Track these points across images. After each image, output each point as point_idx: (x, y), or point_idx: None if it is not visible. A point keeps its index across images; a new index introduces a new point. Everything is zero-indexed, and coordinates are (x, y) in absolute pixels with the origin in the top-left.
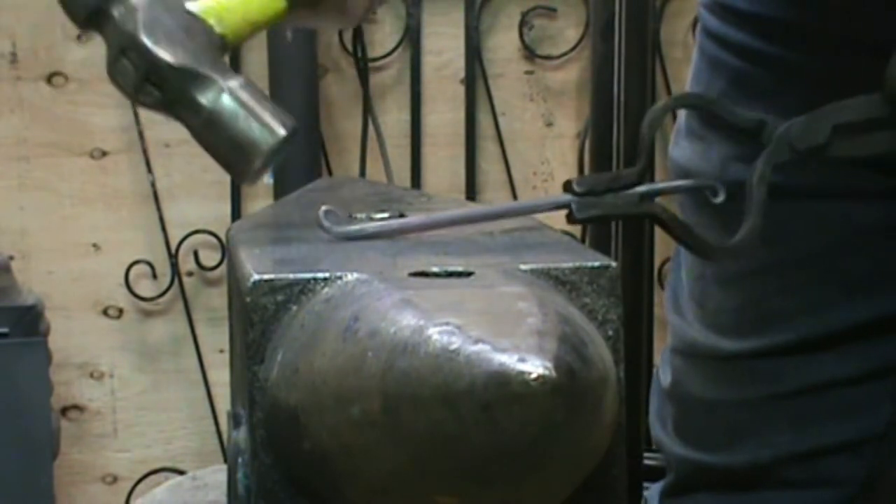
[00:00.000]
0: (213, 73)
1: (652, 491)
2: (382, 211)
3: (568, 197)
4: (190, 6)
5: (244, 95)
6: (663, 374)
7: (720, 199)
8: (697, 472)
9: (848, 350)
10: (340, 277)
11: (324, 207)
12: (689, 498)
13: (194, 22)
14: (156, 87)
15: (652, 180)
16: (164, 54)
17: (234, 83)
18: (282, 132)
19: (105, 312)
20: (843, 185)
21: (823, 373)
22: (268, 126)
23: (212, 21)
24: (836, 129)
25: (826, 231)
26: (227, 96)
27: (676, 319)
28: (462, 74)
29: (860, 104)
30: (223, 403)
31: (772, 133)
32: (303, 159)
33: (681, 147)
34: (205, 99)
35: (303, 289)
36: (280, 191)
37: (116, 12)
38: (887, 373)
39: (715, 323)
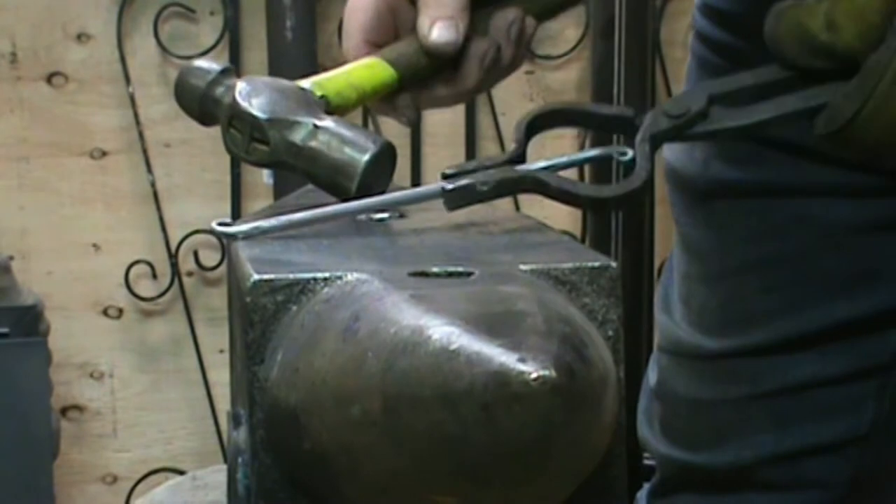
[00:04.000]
0: (304, 118)
1: (642, 491)
2: (382, 211)
3: (440, 184)
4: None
5: (333, 126)
6: (651, 372)
7: (628, 156)
8: (681, 471)
9: (829, 350)
10: (340, 277)
11: (218, 220)
12: (673, 498)
13: (292, 88)
14: (261, 143)
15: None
16: (260, 112)
17: (324, 121)
18: (371, 148)
19: (105, 312)
20: (823, 183)
21: (805, 373)
22: (357, 146)
23: (312, 87)
24: (712, 98)
25: (806, 229)
26: (318, 132)
27: (664, 318)
28: None
29: (731, 79)
30: (223, 403)
31: (641, 119)
32: None
33: (669, 147)
34: (299, 139)
35: (303, 289)
36: (280, 191)
37: (219, 92)
38: (870, 373)
39: (699, 322)
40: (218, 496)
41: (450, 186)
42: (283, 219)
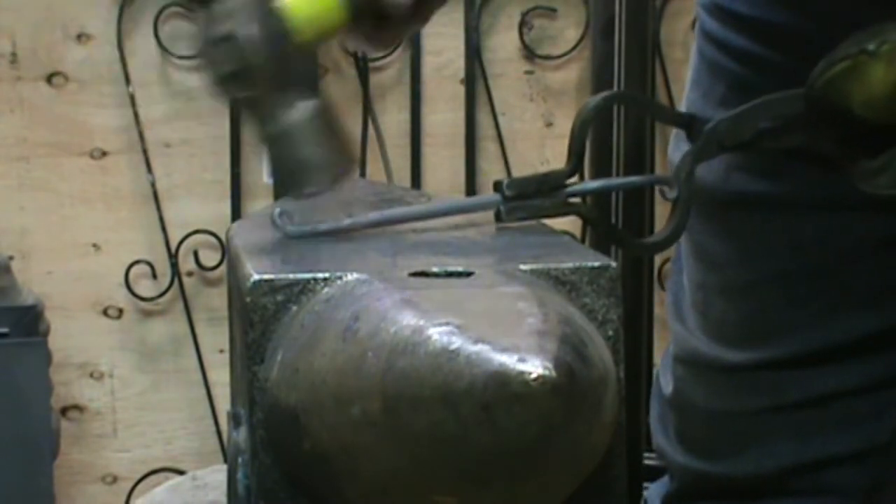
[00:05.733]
0: (302, 89)
1: (651, 492)
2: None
3: (497, 197)
4: (280, 6)
5: (317, 121)
6: (664, 381)
7: (674, 194)
8: (699, 480)
9: (852, 361)
10: (340, 277)
11: (279, 209)
12: None
13: (283, 27)
14: (246, 84)
15: (582, 179)
16: (260, 60)
17: (310, 105)
18: (343, 167)
19: (105, 312)
20: (848, 198)
21: (828, 384)
22: (330, 158)
23: (293, 25)
24: (761, 126)
25: (831, 244)
26: (310, 115)
27: (678, 327)
28: (462, 74)
29: (784, 102)
30: (223, 403)
31: (700, 129)
32: None
33: (681, 150)
34: (288, 113)
35: (303, 289)
36: (280, 191)
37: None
38: (892, 383)
39: (717, 333)
40: (218, 496)
41: (507, 218)
42: (346, 221)
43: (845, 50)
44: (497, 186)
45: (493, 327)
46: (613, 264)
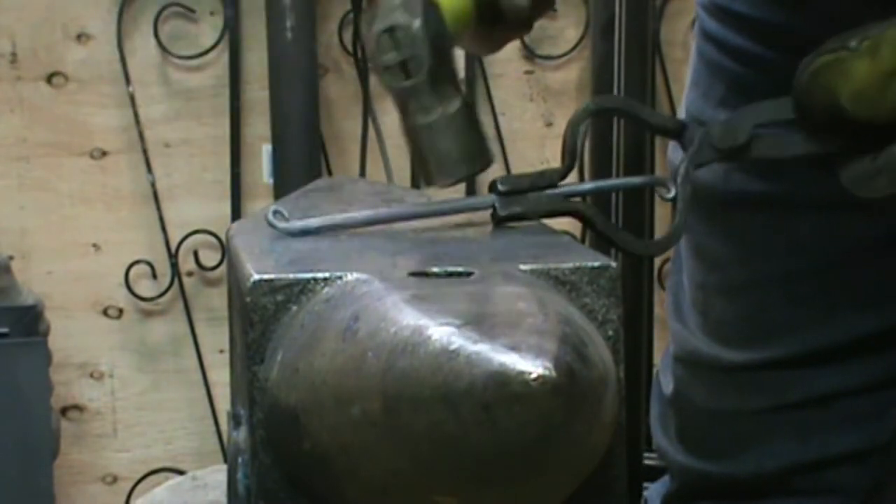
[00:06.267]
0: (455, 84)
1: (651, 492)
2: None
3: (493, 197)
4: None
5: (470, 114)
6: (665, 381)
7: (671, 195)
8: (700, 480)
9: (853, 361)
10: (340, 277)
11: (273, 207)
12: None
13: (443, 21)
14: (405, 74)
15: (582, 179)
16: (429, 53)
17: (463, 100)
18: (489, 159)
19: (105, 312)
20: (849, 197)
21: (829, 384)
22: (480, 149)
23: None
24: (755, 130)
25: (831, 244)
26: (459, 110)
27: (678, 327)
28: (462, 74)
29: (773, 107)
30: (223, 403)
31: (693, 134)
32: (303, 159)
33: (680, 152)
34: (441, 105)
35: (303, 289)
36: (280, 191)
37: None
38: (893, 383)
39: (718, 333)
40: (218, 496)
41: (503, 213)
42: (340, 217)
43: (828, 46)
44: (492, 185)
45: (493, 327)
46: (613, 264)
